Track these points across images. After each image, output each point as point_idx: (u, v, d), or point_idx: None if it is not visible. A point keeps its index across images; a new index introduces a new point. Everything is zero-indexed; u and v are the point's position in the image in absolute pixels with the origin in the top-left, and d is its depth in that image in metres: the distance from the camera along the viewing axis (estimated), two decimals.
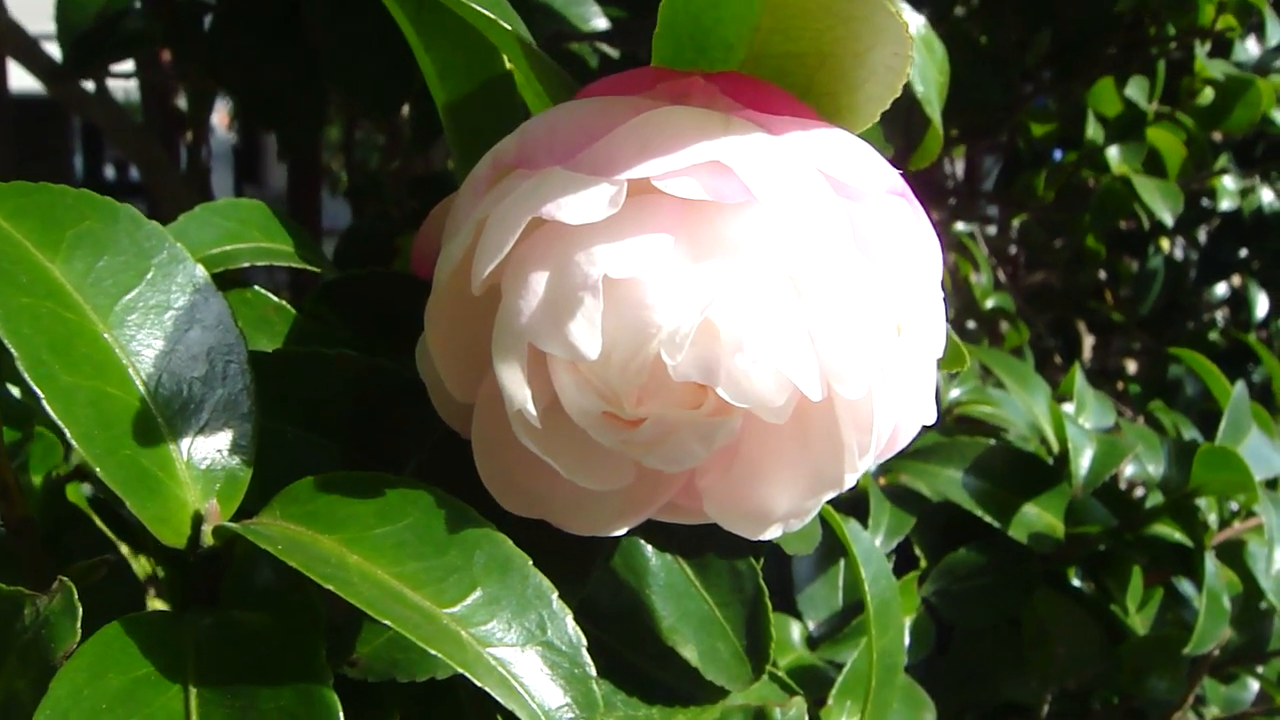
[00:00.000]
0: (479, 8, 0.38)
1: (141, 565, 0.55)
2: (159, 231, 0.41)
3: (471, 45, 0.48)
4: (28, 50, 1.15)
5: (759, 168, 0.34)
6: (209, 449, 0.39)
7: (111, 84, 1.27)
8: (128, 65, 1.21)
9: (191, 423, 0.39)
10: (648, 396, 0.36)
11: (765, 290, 0.35)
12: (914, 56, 0.36)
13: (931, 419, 0.38)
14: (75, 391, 0.37)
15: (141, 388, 0.38)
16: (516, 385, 0.35)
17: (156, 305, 0.40)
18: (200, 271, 0.41)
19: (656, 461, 0.37)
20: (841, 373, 0.35)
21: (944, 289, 0.39)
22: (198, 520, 0.38)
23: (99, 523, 0.53)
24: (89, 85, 1.21)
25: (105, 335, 0.38)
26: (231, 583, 0.39)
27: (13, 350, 0.36)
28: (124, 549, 0.54)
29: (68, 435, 0.36)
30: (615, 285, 0.34)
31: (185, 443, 0.39)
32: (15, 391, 0.52)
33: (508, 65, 0.48)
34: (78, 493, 0.58)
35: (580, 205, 0.34)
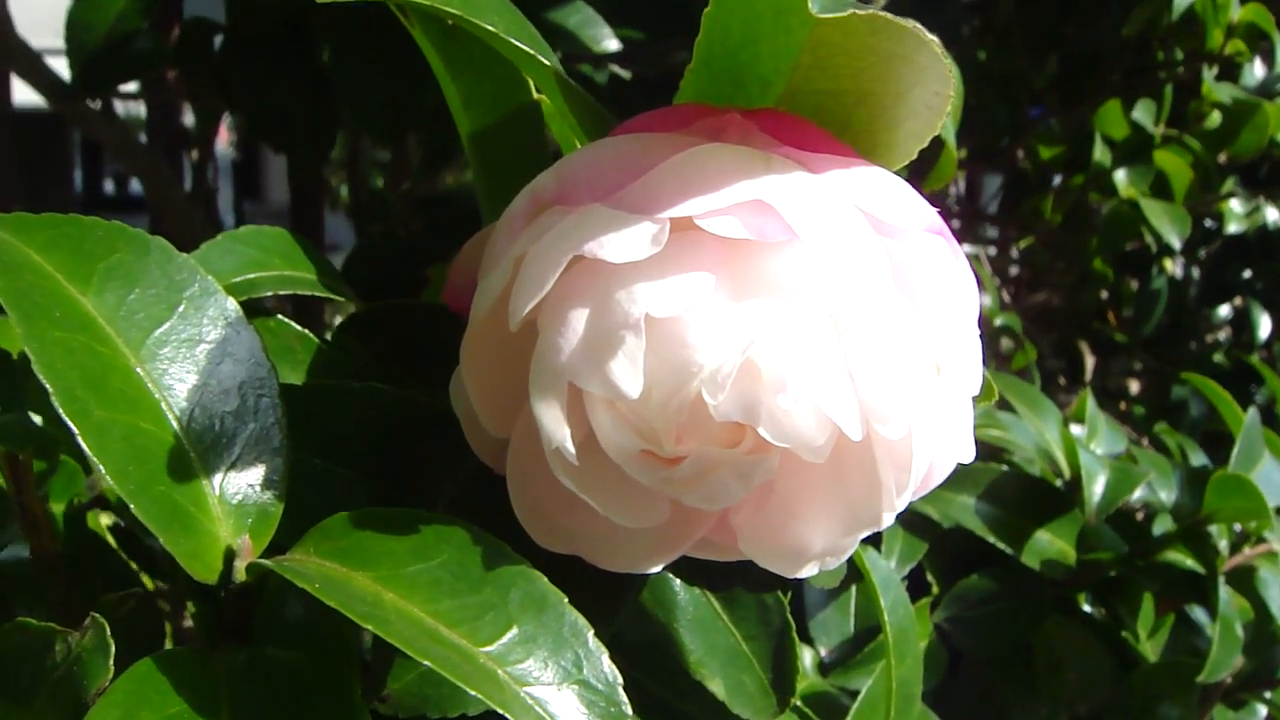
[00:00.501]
0: (515, 41, 0.38)
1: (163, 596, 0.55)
2: (190, 264, 0.41)
3: (498, 75, 0.48)
4: (33, 67, 1.15)
5: (801, 206, 0.34)
6: (241, 484, 0.39)
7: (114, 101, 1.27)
8: (134, 84, 1.21)
9: (224, 457, 0.39)
10: (686, 435, 0.36)
11: (807, 330, 0.34)
12: (953, 91, 0.36)
13: (969, 457, 0.38)
14: (109, 427, 0.36)
15: (174, 422, 0.38)
16: (555, 423, 0.35)
17: (188, 339, 0.40)
18: (231, 304, 0.41)
19: (694, 499, 0.37)
20: (882, 412, 0.35)
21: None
22: (230, 556, 0.37)
23: (120, 553, 0.53)
24: (94, 103, 1.21)
25: (138, 369, 0.38)
26: (263, 618, 0.39)
27: (47, 385, 0.36)
28: (145, 579, 0.53)
29: (102, 471, 0.36)
30: (657, 324, 0.34)
31: (218, 478, 0.38)
32: (37, 419, 0.52)
33: (535, 95, 0.48)
34: (97, 521, 0.57)
35: (622, 243, 0.34)
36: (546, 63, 0.38)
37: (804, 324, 0.34)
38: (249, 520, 0.38)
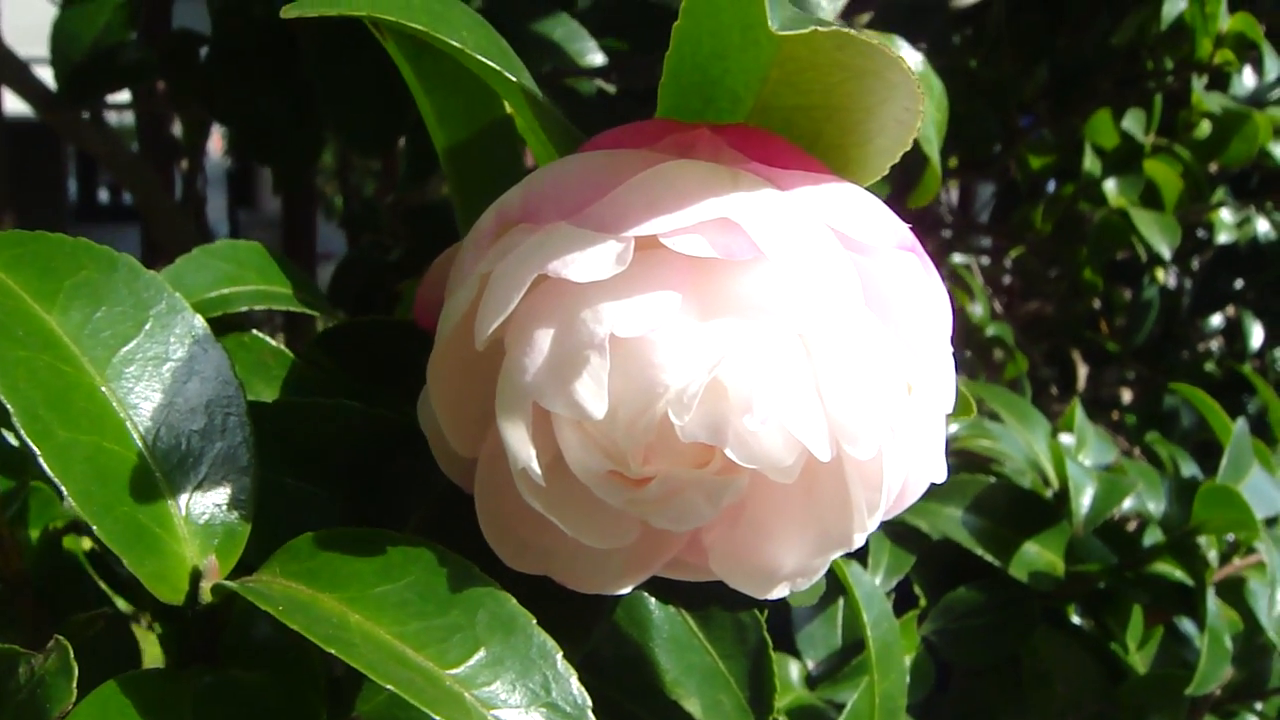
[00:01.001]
0: (483, 58, 0.38)
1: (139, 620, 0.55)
2: (157, 281, 0.40)
3: (470, 90, 0.47)
4: (22, 77, 1.14)
5: (768, 224, 0.34)
6: (207, 504, 0.38)
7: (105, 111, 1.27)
8: (123, 95, 1.20)
9: (190, 477, 0.38)
10: (654, 455, 0.36)
11: (774, 349, 0.34)
12: (924, 107, 0.35)
13: (941, 477, 0.38)
14: (72, 447, 0.36)
15: (139, 442, 0.38)
16: (521, 443, 0.35)
17: (155, 357, 0.39)
18: (199, 322, 0.40)
19: (663, 520, 0.37)
20: (852, 433, 0.34)
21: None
22: (196, 577, 0.37)
23: (95, 577, 0.53)
24: (83, 114, 1.21)
25: (103, 388, 0.38)
26: (230, 639, 0.39)
27: (8, 405, 0.35)
28: (120, 603, 0.53)
29: (64, 492, 0.35)
30: (622, 344, 0.34)
31: (184, 498, 0.38)
32: (9, 438, 0.51)
33: (508, 110, 0.48)
34: (75, 545, 0.57)
35: (587, 263, 0.33)
36: (513, 78, 0.38)
37: (772, 343, 0.34)
38: (215, 540, 0.38)
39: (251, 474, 0.39)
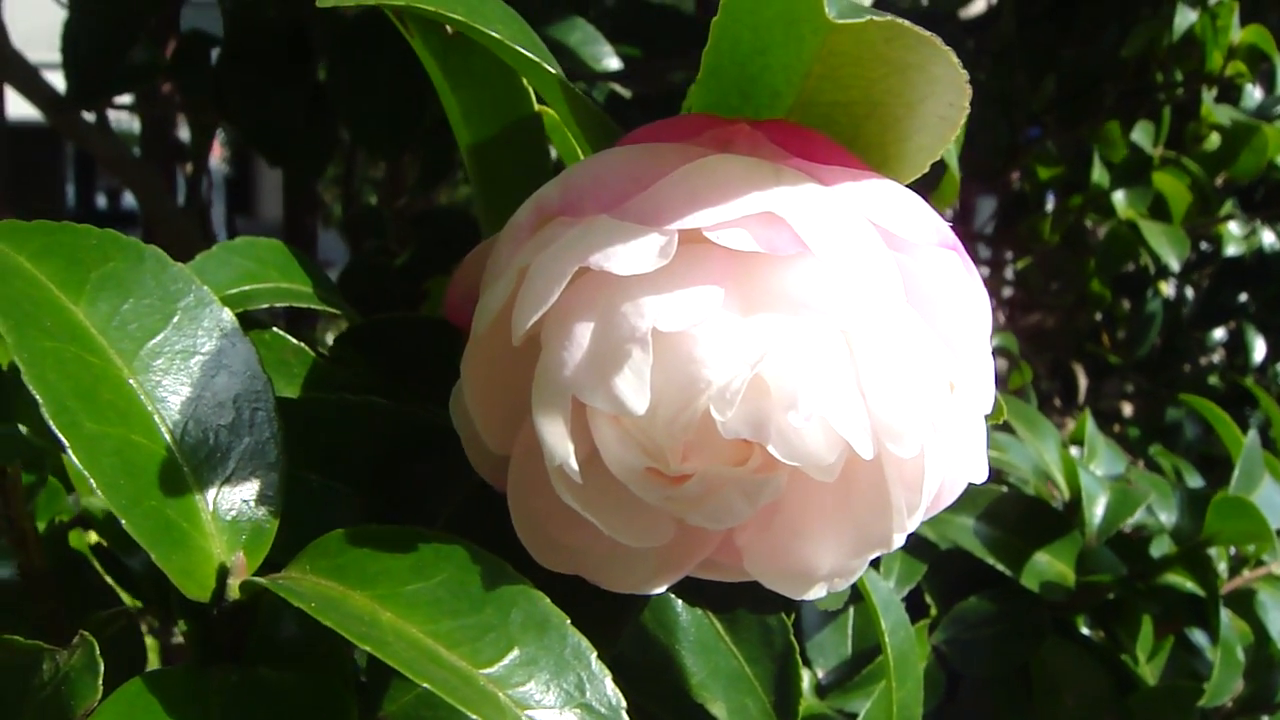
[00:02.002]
0: (523, 50, 0.37)
1: (147, 618, 0.54)
2: (185, 274, 0.40)
3: (498, 86, 0.47)
4: (29, 79, 1.14)
5: (812, 219, 0.33)
6: (235, 499, 0.38)
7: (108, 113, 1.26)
8: (128, 97, 1.20)
9: (218, 472, 0.38)
10: (693, 452, 0.35)
11: (817, 345, 0.34)
12: (968, 103, 0.35)
13: (982, 477, 0.37)
14: (100, 440, 0.35)
15: (167, 436, 0.37)
16: (558, 439, 0.34)
17: (182, 350, 0.39)
18: (227, 315, 0.40)
19: (700, 519, 0.36)
20: (895, 430, 0.34)
21: None
22: (223, 573, 0.37)
23: (102, 572, 0.52)
24: (89, 116, 1.20)
25: (130, 381, 0.37)
26: (257, 637, 0.38)
27: (37, 396, 0.35)
28: (126, 599, 0.52)
29: (93, 484, 0.35)
30: (664, 338, 0.33)
31: (211, 493, 0.37)
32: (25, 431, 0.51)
33: (535, 107, 0.48)
34: (80, 540, 0.56)
35: (630, 255, 0.33)
36: (552, 70, 0.38)
37: (815, 339, 0.34)
38: (243, 536, 0.38)
39: (279, 470, 0.39)
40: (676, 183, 0.34)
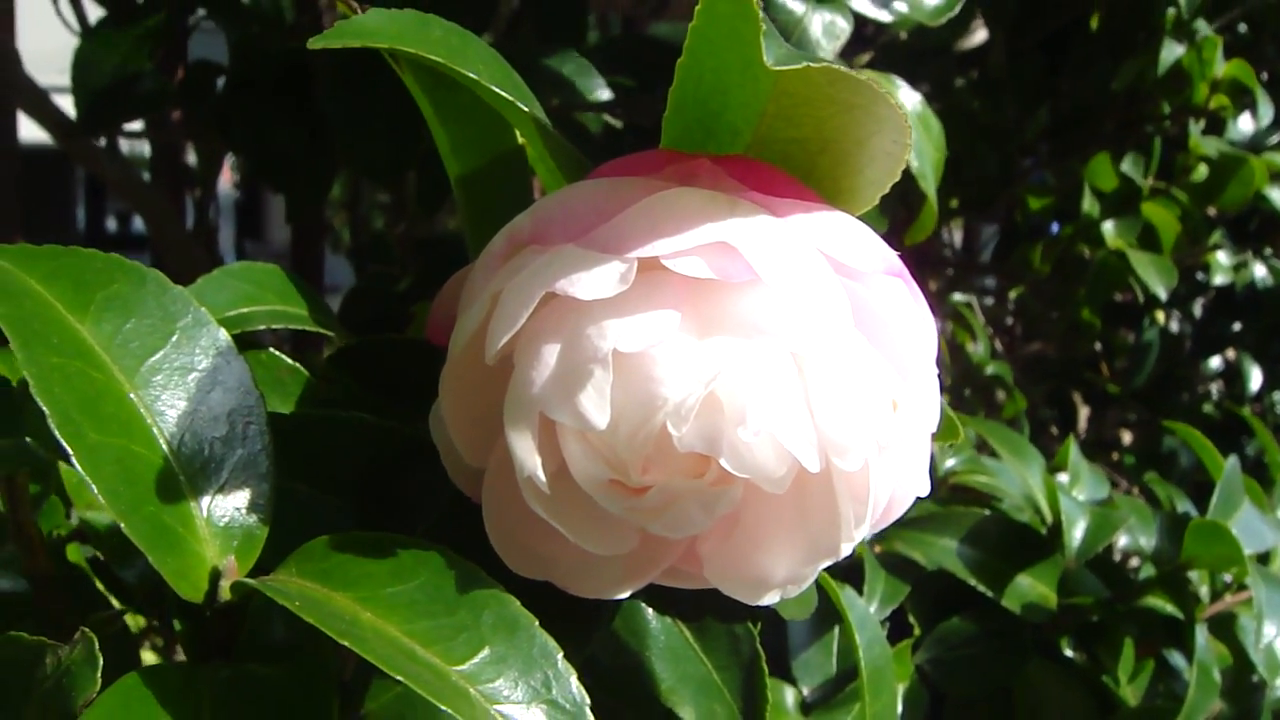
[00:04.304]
0: (497, 89, 0.40)
1: (136, 623, 0.56)
2: (184, 296, 0.43)
3: (484, 121, 0.49)
4: (40, 104, 1.16)
5: (763, 248, 0.36)
6: (228, 507, 0.40)
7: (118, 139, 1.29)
8: (138, 123, 1.23)
9: (212, 481, 0.40)
10: (653, 465, 0.38)
11: (768, 366, 0.36)
12: (911, 140, 0.38)
13: (925, 491, 0.40)
14: (102, 449, 0.38)
15: (165, 447, 0.40)
16: (527, 452, 0.37)
17: (180, 367, 0.41)
18: (223, 335, 0.43)
19: (660, 528, 0.39)
20: (840, 446, 0.36)
21: (942, 357, 0.40)
22: (215, 576, 0.39)
23: (96, 582, 0.55)
24: (99, 141, 1.23)
25: (131, 395, 0.40)
26: (247, 636, 0.41)
27: (44, 408, 0.37)
28: (117, 605, 0.55)
29: (94, 490, 0.37)
30: (624, 359, 0.36)
31: (205, 500, 0.40)
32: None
33: (520, 140, 0.50)
34: (78, 553, 0.59)
35: (592, 282, 0.36)
36: (525, 109, 0.40)
37: (766, 360, 0.36)
38: (235, 542, 0.40)
39: (270, 480, 0.41)
40: (638, 214, 0.37)
